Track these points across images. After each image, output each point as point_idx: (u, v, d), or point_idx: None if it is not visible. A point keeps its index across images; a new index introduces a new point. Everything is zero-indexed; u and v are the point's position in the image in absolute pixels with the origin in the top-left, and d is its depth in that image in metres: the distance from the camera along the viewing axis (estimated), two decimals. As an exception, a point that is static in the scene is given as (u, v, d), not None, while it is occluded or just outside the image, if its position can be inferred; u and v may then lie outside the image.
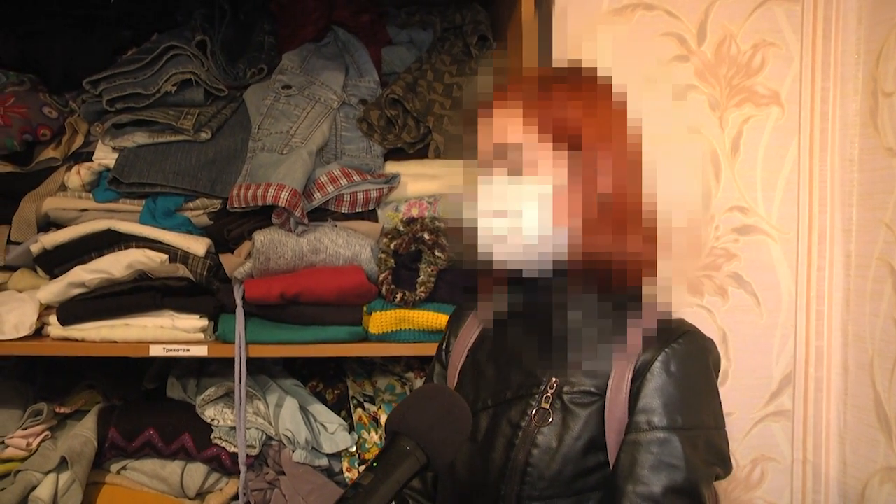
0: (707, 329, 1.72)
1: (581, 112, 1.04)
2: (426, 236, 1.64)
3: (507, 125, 1.05)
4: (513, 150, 1.04)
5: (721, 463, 1.06)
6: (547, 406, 1.08)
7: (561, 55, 1.57)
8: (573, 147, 1.03)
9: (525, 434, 1.08)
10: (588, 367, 1.08)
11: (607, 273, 1.05)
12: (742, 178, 1.75)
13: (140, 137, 1.71)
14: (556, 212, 1.03)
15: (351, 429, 1.76)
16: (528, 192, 1.03)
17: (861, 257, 1.68)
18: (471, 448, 1.13)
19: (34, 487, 1.68)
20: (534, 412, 1.08)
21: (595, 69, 1.09)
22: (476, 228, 1.04)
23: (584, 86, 1.07)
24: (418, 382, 1.85)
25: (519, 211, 1.03)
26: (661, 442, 1.01)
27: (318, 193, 1.64)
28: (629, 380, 1.04)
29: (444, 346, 1.28)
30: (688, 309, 1.73)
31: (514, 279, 1.09)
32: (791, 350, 1.77)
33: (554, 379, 1.09)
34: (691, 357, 1.06)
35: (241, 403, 1.64)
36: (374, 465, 0.84)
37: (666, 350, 1.04)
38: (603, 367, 1.07)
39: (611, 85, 1.08)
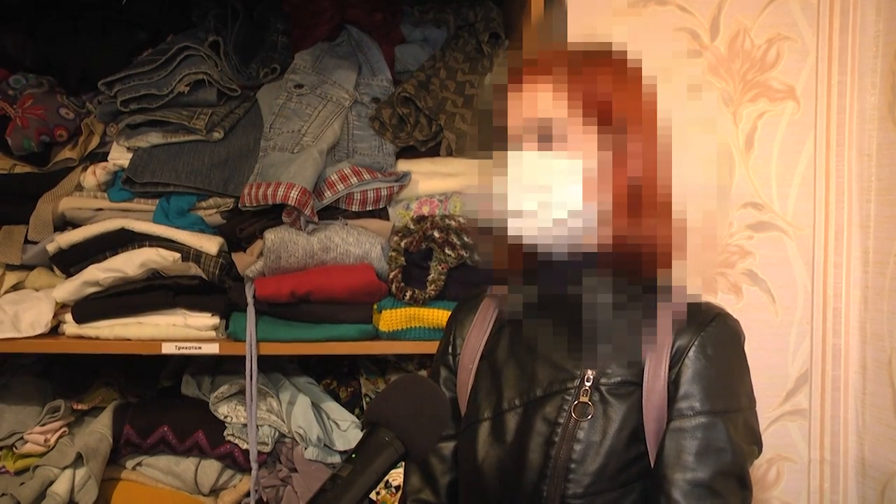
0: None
1: (613, 89, 1.03)
2: (436, 234, 1.64)
3: (539, 99, 1.03)
4: (543, 125, 1.03)
5: (756, 442, 1.07)
6: (586, 399, 1.06)
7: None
8: (604, 124, 1.02)
9: (565, 430, 1.06)
10: (621, 356, 1.07)
11: (637, 257, 1.03)
12: (756, 174, 1.73)
13: (154, 137, 1.72)
14: (587, 189, 1.01)
15: (363, 427, 1.76)
16: (558, 167, 1.02)
17: (879, 254, 1.65)
18: (499, 451, 1.10)
19: (52, 482, 1.71)
20: (572, 407, 1.06)
21: (625, 51, 1.07)
22: (505, 206, 1.03)
23: (615, 63, 1.06)
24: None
25: (549, 186, 1.01)
26: (706, 426, 1.01)
27: (329, 192, 1.64)
28: (666, 366, 1.04)
29: (450, 350, 1.24)
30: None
31: (542, 265, 1.06)
32: (807, 348, 1.74)
33: (589, 371, 1.07)
34: (726, 339, 1.07)
35: (251, 401, 1.65)
36: (353, 456, 0.84)
37: (701, 334, 1.04)
38: (635, 355, 1.06)
39: (640, 66, 1.06)
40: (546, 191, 1.01)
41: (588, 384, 1.07)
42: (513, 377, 1.13)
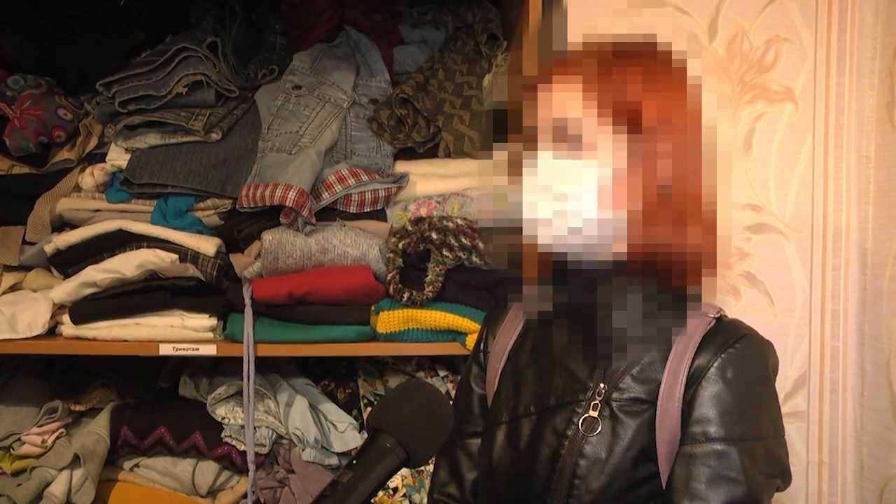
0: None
1: (643, 90, 0.98)
2: (434, 236, 1.64)
3: (567, 101, 0.99)
4: (571, 128, 0.99)
5: (781, 474, 1.02)
6: (595, 414, 1.03)
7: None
8: (633, 128, 0.98)
9: (571, 444, 1.03)
10: (639, 370, 1.03)
11: (666, 266, 1.00)
12: (755, 175, 1.73)
13: (152, 138, 1.72)
14: (615, 195, 0.98)
15: (361, 428, 1.77)
16: (585, 173, 0.98)
17: (877, 255, 1.65)
18: (512, 456, 1.09)
19: (49, 484, 1.71)
20: (581, 420, 1.04)
21: (669, 43, 1.03)
22: (527, 210, 0.99)
23: (649, 60, 1.01)
24: (429, 382, 1.85)
25: (577, 191, 0.98)
26: (719, 454, 0.97)
27: (326, 193, 1.64)
28: (682, 386, 1.00)
29: (481, 347, 1.23)
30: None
31: (561, 271, 1.03)
32: (805, 350, 1.74)
33: (602, 384, 1.04)
34: (749, 362, 1.01)
35: (249, 402, 1.65)
36: (354, 462, 0.84)
37: (722, 355, 0.99)
38: (654, 370, 1.02)
39: (684, 63, 1.02)
40: (570, 197, 0.98)
41: (599, 398, 1.04)
42: (532, 382, 1.11)
